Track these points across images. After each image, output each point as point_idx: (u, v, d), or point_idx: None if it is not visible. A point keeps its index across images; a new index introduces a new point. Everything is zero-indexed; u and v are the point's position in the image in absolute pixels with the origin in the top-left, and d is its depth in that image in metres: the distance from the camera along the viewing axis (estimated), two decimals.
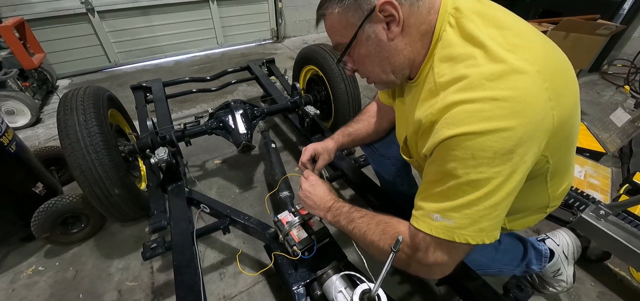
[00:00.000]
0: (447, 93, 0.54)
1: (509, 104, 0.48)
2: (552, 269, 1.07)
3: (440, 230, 0.57)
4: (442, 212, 0.57)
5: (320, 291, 0.87)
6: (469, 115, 0.50)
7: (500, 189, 0.52)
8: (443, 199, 0.57)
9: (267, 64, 2.40)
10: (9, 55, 2.36)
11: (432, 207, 0.59)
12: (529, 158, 0.51)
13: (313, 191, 0.89)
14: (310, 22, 4.55)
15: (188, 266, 0.96)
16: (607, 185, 1.64)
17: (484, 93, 0.49)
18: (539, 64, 0.50)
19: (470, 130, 0.50)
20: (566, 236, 1.12)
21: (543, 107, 0.50)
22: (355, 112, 1.66)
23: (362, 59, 0.67)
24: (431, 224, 0.59)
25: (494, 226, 0.56)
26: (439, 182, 0.57)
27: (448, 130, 0.52)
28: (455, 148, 0.52)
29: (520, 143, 0.49)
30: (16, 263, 1.31)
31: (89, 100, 1.19)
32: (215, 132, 1.52)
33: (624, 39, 3.01)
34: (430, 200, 0.60)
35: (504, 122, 0.48)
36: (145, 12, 3.39)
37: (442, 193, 0.57)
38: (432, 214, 0.58)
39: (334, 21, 0.64)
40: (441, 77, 0.57)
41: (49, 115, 2.47)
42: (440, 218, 0.57)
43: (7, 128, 1.25)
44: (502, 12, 0.59)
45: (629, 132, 1.85)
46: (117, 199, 1.15)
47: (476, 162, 0.51)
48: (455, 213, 0.55)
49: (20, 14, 2.73)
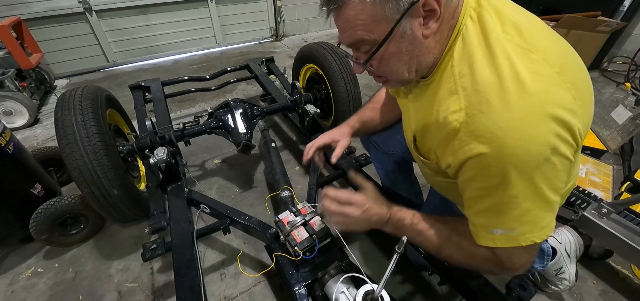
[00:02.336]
0: (471, 103, 0.52)
1: (537, 110, 0.47)
2: (554, 267, 1.07)
3: (504, 241, 0.58)
4: (501, 225, 0.57)
5: (322, 291, 0.86)
6: (498, 128, 0.49)
7: (549, 189, 0.52)
8: (497, 214, 0.56)
9: (267, 62, 2.39)
10: (6, 55, 2.34)
11: (488, 222, 0.58)
12: (566, 150, 0.50)
13: (352, 209, 0.75)
14: (309, 20, 4.54)
15: (188, 267, 0.95)
16: (608, 182, 1.64)
17: (511, 101, 0.48)
18: (559, 64, 0.50)
19: (503, 144, 0.49)
20: (568, 234, 1.12)
21: (570, 107, 0.49)
22: (356, 110, 1.65)
23: (388, 57, 0.58)
24: (493, 238, 0.58)
25: (552, 218, 0.57)
26: (485, 198, 0.56)
27: (478, 147, 0.51)
28: (492, 164, 0.51)
29: (555, 144, 0.48)
30: (15, 265, 1.30)
31: (87, 100, 1.18)
32: (214, 131, 1.51)
33: (624, 36, 3.00)
34: (483, 216, 0.59)
35: (535, 128, 0.47)
36: (144, 11, 3.37)
37: (494, 208, 0.56)
38: (491, 229, 0.58)
39: (359, 13, 0.53)
40: (462, 77, 0.55)
41: (47, 116, 2.45)
42: (500, 231, 0.57)
43: (5, 129, 1.24)
44: (516, 10, 0.57)
45: (630, 130, 1.84)
46: (116, 200, 1.14)
47: (519, 173, 0.50)
48: (514, 222, 0.55)
49: (18, 13, 2.71)
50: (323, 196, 0.80)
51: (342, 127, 1.07)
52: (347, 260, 0.94)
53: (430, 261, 0.98)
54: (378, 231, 0.74)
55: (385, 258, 1.31)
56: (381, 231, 0.77)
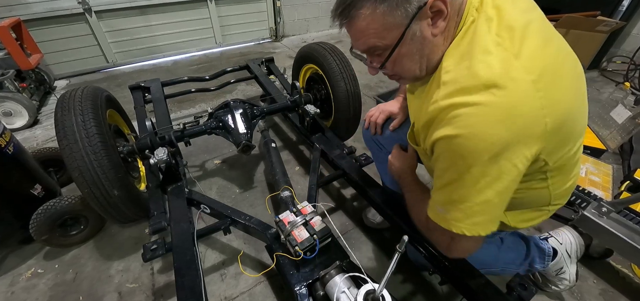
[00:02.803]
0: (446, 93, 0.56)
1: (499, 112, 0.51)
2: (555, 268, 1.07)
3: (442, 220, 0.65)
4: (443, 205, 0.64)
5: (323, 291, 0.86)
6: (461, 118, 0.53)
7: (490, 188, 0.56)
8: (443, 193, 0.63)
9: (266, 63, 2.39)
10: (5, 56, 2.34)
11: (436, 198, 0.66)
12: (518, 161, 0.54)
13: (400, 169, 0.94)
14: (309, 20, 4.54)
15: (189, 267, 0.95)
16: (608, 182, 1.64)
17: (479, 98, 0.52)
18: (538, 72, 0.52)
19: (460, 133, 0.54)
20: (569, 234, 1.12)
21: (535, 115, 0.52)
22: (356, 110, 1.66)
23: (401, 58, 0.63)
24: (437, 214, 0.67)
25: (488, 220, 0.62)
26: (440, 178, 0.63)
27: (442, 131, 0.57)
28: (448, 149, 0.57)
29: (507, 147, 0.52)
30: (15, 266, 1.30)
31: (87, 100, 1.18)
32: (214, 131, 1.51)
33: (623, 36, 3.01)
34: (436, 192, 0.66)
35: (492, 128, 0.51)
36: (143, 11, 3.37)
37: (442, 188, 0.63)
38: (436, 205, 0.66)
39: (371, 23, 0.58)
40: (446, 72, 0.58)
41: (47, 116, 2.45)
42: (441, 210, 0.65)
43: (5, 130, 1.24)
44: (518, 9, 0.58)
45: (629, 129, 1.85)
46: (116, 200, 1.14)
47: (465, 163, 0.55)
48: (451, 206, 0.62)
49: (17, 14, 2.71)
50: None
51: (397, 101, 1.12)
52: (348, 259, 0.94)
53: (431, 261, 0.98)
54: (378, 231, 0.75)
55: (386, 257, 1.31)
56: (381, 231, 0.80)
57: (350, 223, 1.48)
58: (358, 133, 1.84)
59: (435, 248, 0.95)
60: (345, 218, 1.50)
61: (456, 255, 0.71)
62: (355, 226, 1.46)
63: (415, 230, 1.01)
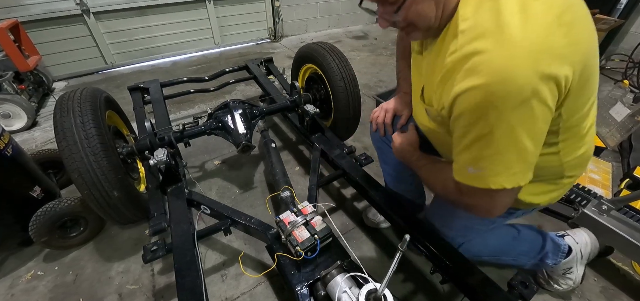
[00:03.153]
0: (467, 40, 0.54)
1: (524, 51, 0.49)
2: (564, 266, 1.07)
3: (476, 180, 0.61)
4: (474, 164, 0.60)
5: (324, 291, 0.86)
6: (486, 64, 0.51)
7: (525, 133, 0.53)
8: (472, 151, 0.59)
9: (266, 63, 2.38)
10: (4, 57, 2.33)
11: (464, 159, 0.62)
12: (549, 99, 0.52)
13: (401, 147, 0.93)
14: (307, 21, 4.54)
15: (189, 268, 0.95)
16: (608, 179, 1.64)
17: (501, 40, 0.50)
18: (559, 9, 0.51)
19: (487, 81, 0.50)
20: (586, 236, 1.11)
21: (559, 51, 0.50)
22: (355, 110, 1.66)
23: (416, 4, 0.60)
24: (467, 176, 0.62)
25: (526, 169, 0.58)
26: (465, 136, 0.59)
27: (466, 83, 0.53)
28: (474, 101, 0.53)
29: (537, 87, 0.50)
30: (15, 268, 1.30)
31: (86, 102, 1.17)
32: (214, 132, 1.51)
33: (621, 33, 3.02)
34: (461, 153, 0.62)
35: (519, 68, 0.49)
36: (142, 12, 3.35)
37: (471, 146, 0.58)
38: (466, 166, 0.61)
39: None
40: (464, 20, 0.56)
41: (46, 118, 2.44)
42: (473, 170, 0.60)
43: (3, 132, 1.23)
44: None
45: (628, 127, 1.85)
46: (116, 201, 1.14)
47: (497, 112, 0.52)
48: (485, 163, 0.58)
49: (15, 16, 2.70)
50: None
51: (400, 98, 1.08)
52: (349, 259, 0.93)
53: (432, 260, 0.98)
54: (379, 230, 0.75)
55: (386, 257, 1.31)
56: (381, 231, 0.79)
57: (350, 222, 1.48)
58: (358, 132, 1.84)
59: (436, 247, 0.95)
60: (346, 218, 1.50)
61: (498, 213, 0.66)
62: (355, 226, 1.46)
63: (417, 229, 1.01)
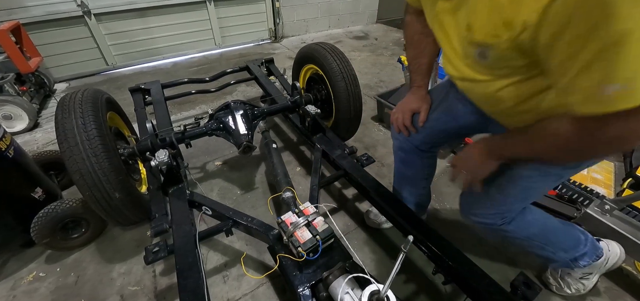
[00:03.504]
0: None
1: None
2: (586, 270, 1.05)
3: (620, 100, 0.45)
4: (614, 78, 0.45)
5: (327, 292, 0.86)
6: None
7: None
8: (603, 65, 0.45)
9: (266, 63, 2.38)
10: (5, 59, 2.34)
11: (597, 78, 0.46)
12: None
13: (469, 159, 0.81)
14: (308, 21, 4.54)
15: (191, 269, 0.95)
16: (610, 179, 1.64)
17: None
18: None
19: None
20: (618, 249, 1.10)
21: None
22: (356, 110, 1.66)
23: None
24: (601, 102, 0.47)
25: None
26: (586, 47, 0.45)
27: None
28: None
29: None
30: (16, 270, 1.30)
31: (87, 103, 1.17)
32: (215, 133, 1.51)
33: None
34: (588, 75, 0.47)
35: None
36: (142, 14, 3.36)
37: (601, 57, 0.45)
38: (602, 87, 0.46)
39: None
40: None
41: (47, 120, 2.45)
42: (611, 89, 0.45)
43: (5, 134, 1.24)
44: None
45: None
46: (118, 203, 1.14)
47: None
48: (629, 71, 0.44)
49: (16, 17, 2.71)
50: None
51: (415, 93, 1.03)
52: (351, 260, 0.93)
53: (434, 260, 0.97)
54: (380, 231, 0.74)
55: (388, 258, 1.31)
56: (383, 232, 0.78)
57: (352, 223, 1.47)
58: (359, 133, 1.84)
59: (438, 247, 0.94)
60: (348, 219, 1.50)
61: (622, 144, 0.54)
62: (357, 226, 1.45)
63: (419, 230, 1.01)
